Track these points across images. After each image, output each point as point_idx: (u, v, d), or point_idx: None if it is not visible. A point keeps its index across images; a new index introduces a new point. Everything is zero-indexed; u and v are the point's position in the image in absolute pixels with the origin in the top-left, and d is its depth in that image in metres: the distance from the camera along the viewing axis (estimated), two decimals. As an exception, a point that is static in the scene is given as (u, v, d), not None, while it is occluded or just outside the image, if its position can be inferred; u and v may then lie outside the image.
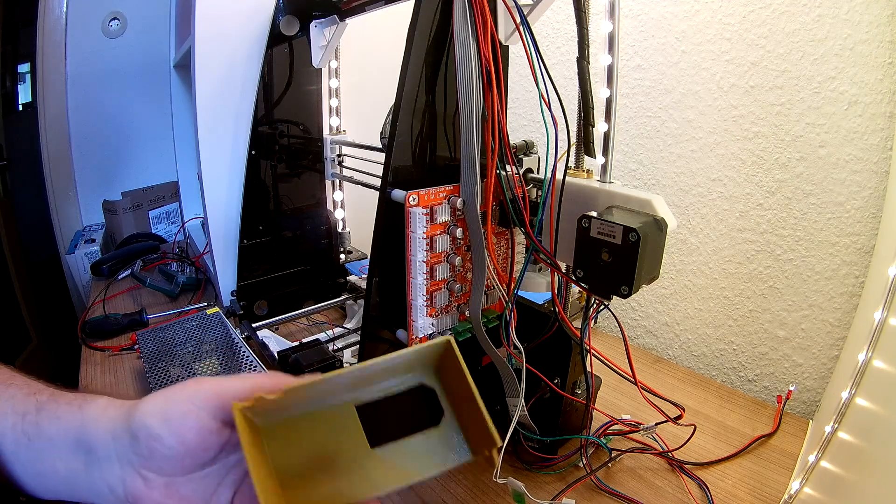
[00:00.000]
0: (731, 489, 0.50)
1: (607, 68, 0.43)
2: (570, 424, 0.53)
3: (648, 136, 0.73)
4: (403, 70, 0.40)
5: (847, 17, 0.53)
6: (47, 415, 0.29)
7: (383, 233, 0.42)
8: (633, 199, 0.40)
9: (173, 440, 0.26)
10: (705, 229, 0.69)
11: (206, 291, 0.91)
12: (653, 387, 0.50)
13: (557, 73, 0.80)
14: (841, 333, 0.59)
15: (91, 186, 1.37)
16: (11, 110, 1.39)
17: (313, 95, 0.80)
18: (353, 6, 0.68)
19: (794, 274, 0.62)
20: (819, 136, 0.57)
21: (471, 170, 0.40)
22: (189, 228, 1.05)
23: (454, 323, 0.46)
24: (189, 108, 0.85)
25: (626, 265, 0.37)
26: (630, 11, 0.70)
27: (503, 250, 0.47)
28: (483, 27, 0.38)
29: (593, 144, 0.43)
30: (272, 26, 0.72)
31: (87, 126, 1.34)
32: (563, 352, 0.48)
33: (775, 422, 0.59)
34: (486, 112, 0.40)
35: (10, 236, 1.28)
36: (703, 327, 0.72)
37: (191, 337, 0.67)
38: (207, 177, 0.74)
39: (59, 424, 0.29)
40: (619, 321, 0.52)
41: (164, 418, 0.26)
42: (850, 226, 0.57)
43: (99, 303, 0.85)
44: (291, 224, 0.83)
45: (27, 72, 1.37)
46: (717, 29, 0.63)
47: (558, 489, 0.49)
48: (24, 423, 0.29)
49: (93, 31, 1.31)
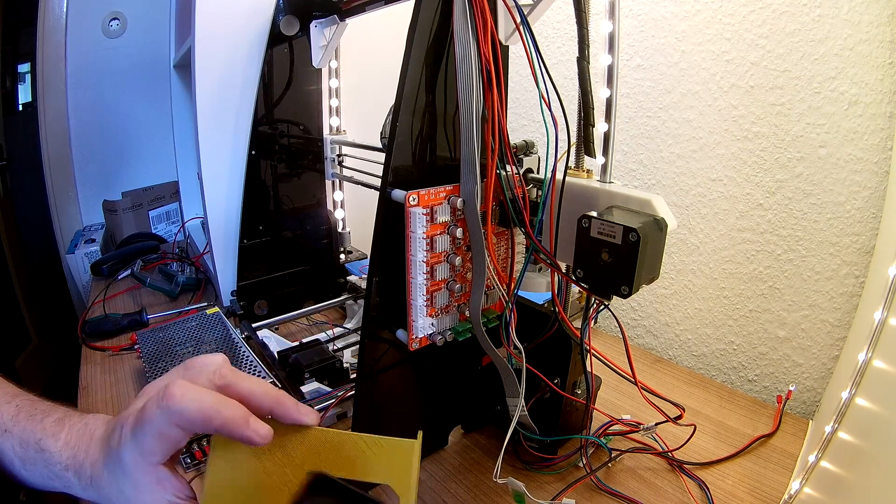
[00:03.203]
0: (731, 489, 0.50)
1: (607, 68, 0.43)
2: (570, 424, 0.53)
3: (648, 136, 0.73)
4: (403, 70, 0.40)
5: (847, 17, 0.53)
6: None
7: (383, 233, 0.42)
8: (633, 199, 0.40)
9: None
10: (705, 229, 0.69)
11: (206, 291, 0.91)
12: (653, 387, 0.50)
13: (557, 73, 0.80)
14: (841, 333, 0.59)
15: (91, 186, 1.37)
16: (11, 110, 1.39)
17: (313, 95, 0.80)
18: (353, 6, 0.68)
19: (794, 274, 0.62)
20: (819, 136, 0.57)
21: (471, 170, 0.40)
22: (189, 228, 1.05)
23: (454, 323, 0.46)
24: (189, 108, 0.85)
25: (626, 265, 0.37)
26: (630, 11, 0.70)
27: (503, 250, 0.47)
28: (483, 27, 0.38)
29: (593, 144, 0.43)
30: (272, 26, 0.72)
31: (87, 126, 1.34)
32: (563, 352, 0.48)
33: (775, 422, 0.59)
34: (486, 112, 0.40)
35: (10, 236, 1.28)
36: (703, 327, 0.72)
37: (191, 337, 0.67)
38: (207, 177, 0.74)
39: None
40: (619, 321, 0.52)
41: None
42: (850, 226, 0.57)
43: (99, 303, 0.85)
44: (291, 224, 0.83)
45: (27, 72, 1.37)
46: (717, 29, 0.63)
47: (558, 489, 0.49)
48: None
49: (93, 31, 1.31)
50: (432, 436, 0.55)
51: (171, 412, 0.27)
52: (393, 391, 0.48)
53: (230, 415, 0.28)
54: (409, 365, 0.49)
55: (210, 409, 0.27)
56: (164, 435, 0.28)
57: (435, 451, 0.55)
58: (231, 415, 0.28)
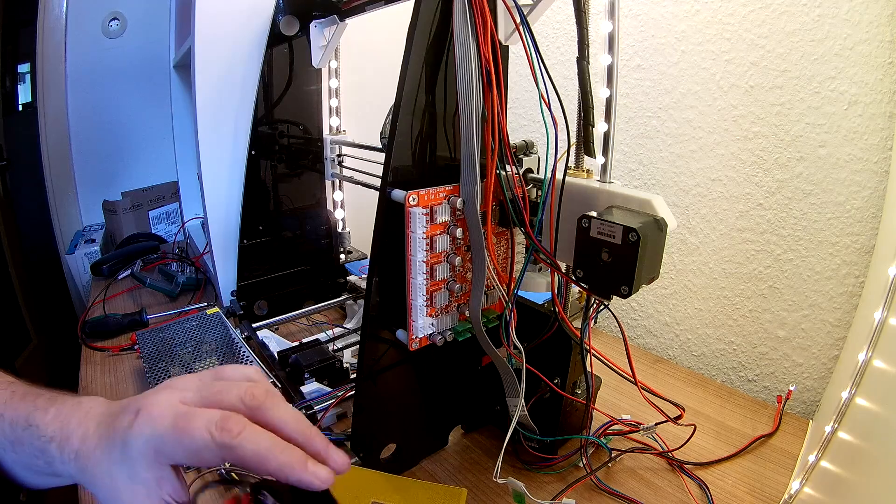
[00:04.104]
0: (731, 489, 0.50)
1: (607, 68, 0.43)
2: (570, 424, 0.53)
3: (648, 136, 0.73)
4: (403, 70, 0.40)
5: (847, 17, 0.53)
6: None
7: (383, 233, 0.42)
8: (633, 199, 0.40)
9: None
10: (705, 229, 0.69)
11: (206, 291, 0.91)
12: (653, 387, 0.50)
13: (557, 73, 0.80)
14: (841, 333, 0.59)
15: (91, 186, 1.36)
16: (11, 110, 1.39)
17: (313, 95, 0.80)
18: (353, 6, 0.68)
19: (794, 274, 0.62)
20: (819, 135, 0.57)
21: (471, 170, 0.40)
22: (189, 228, 1.05)
23: (454, 323, 0.46)
24: (189, 108, 0.85)
25: (626, 265, 0.37)
26: (630, 11, 0.70)
27: (503, 250, 0.47)
28: (483, 27, 0.38)
29: (593, 144, 0.43)
30: (272, 26, 0.72)
31: (87, 126, 1.34)
32: (563, 352, 0.48)
33: (775, 422, 0.59)
34: (486, 112, 0.40)
35: (10, 236, 1.28)
36: (703, 327, 0.72)
37: (191, 337, 0.67)
38: (207, 177, 0.74)
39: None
40: (619, 321, 0.52)
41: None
42: (850, 226, 0.57)
43: (99, 303, 0.85)
44: (291, 224, 0.83)
45: (27, 72, 1.37)
46: (717, 29, 0.63)
47: (558, 489, 0.49)
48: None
49: (93, 31, 1.31)
50: (432, 436, 0.55)
51: (223, 447, 0.27)
52: (393, 391, 0.48)
53: (286, 460, 0.27)
54: (409, 365, 0.49)
55: (266, 453, 0.27)
56: (201, 458, 0.27)
57: (435, 451, 0.55)
58: (287, 460, 0.27)
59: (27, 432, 0.31)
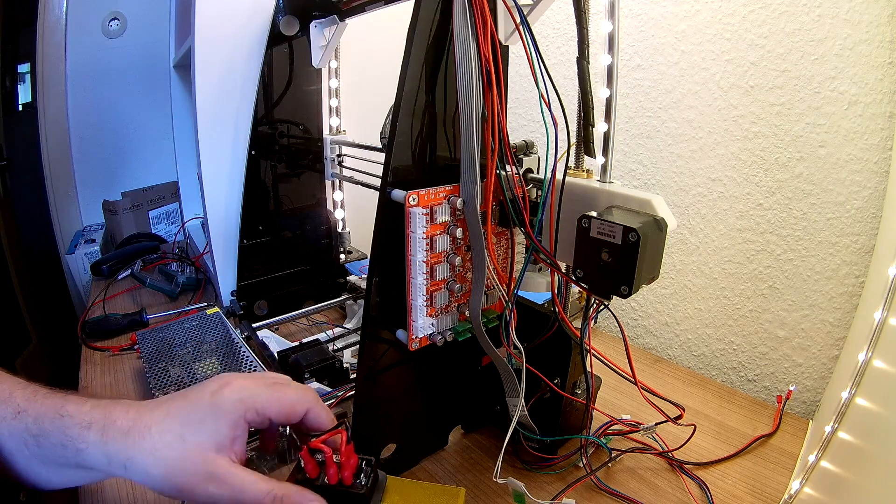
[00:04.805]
0: (731, 489, 0.50)
1: (607, 68, 0.43)
2: (570, 424, 0.53)
3: (648, 136, 0.73)
4: (403, 70, 0.40)
5: (847, 17, 0.53)
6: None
7: (383, 233, 0.42)
8: (633, 199, 0.40)
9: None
10: (705, 229, 0.69)
11: (206, 291, 0.91)
12: (653, 387, 0.50)
13: (557, 73, 0.80)
14: (841, 333, 0.59)
15: (91, 186, 1.37)
16: (11, 110, 1.39)
17: (313, 95, 0.80)
18: (353, 6, 0.68)
19: (794, 274, 0.62)
20: (819, 135, 0.57)
21: (471, 170, 0.40)
22: (189, 228, 1.05)
23: (454, 323, 0.46)
24: (189, 108, 0.85)
25: (626, 265, 0.37)
26: (630, 11, 0.70)
27: (503, 250, 0.47)
28: (483, 27, 0.38)
29: (593, 144, 0.43)
30: (272, 26, 0.72)
31: (87, 126, 1.34)
32: (563, 352, 0.48)
33: (775, 422, 0.59)
34: (486, 112, 0.40)
35: (10, 236, 1.28)
36: (703, 327, 0.72)
37: (191, 337, 0.67)
38: (207, 177, 0.74)
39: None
40: (619, 321, 0.52)
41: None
42: (850, 226, 0.57)
43: (99, 303, 0.85)
44: (291, 224, 0.83)
45: (27, 72, 1.37)
46: (717, 29, 0.63)
47: (558, 489, 0.49)
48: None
49: (93, 31, 1.31)
50: (432, 436, 0.55)
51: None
52: (393, 391, 0.48)
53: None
54: (409, 365, 0.49)
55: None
56: (290, 414, 0.35)
57: (435, 451, 0.55)
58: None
59: (56, 423, 0.32)
